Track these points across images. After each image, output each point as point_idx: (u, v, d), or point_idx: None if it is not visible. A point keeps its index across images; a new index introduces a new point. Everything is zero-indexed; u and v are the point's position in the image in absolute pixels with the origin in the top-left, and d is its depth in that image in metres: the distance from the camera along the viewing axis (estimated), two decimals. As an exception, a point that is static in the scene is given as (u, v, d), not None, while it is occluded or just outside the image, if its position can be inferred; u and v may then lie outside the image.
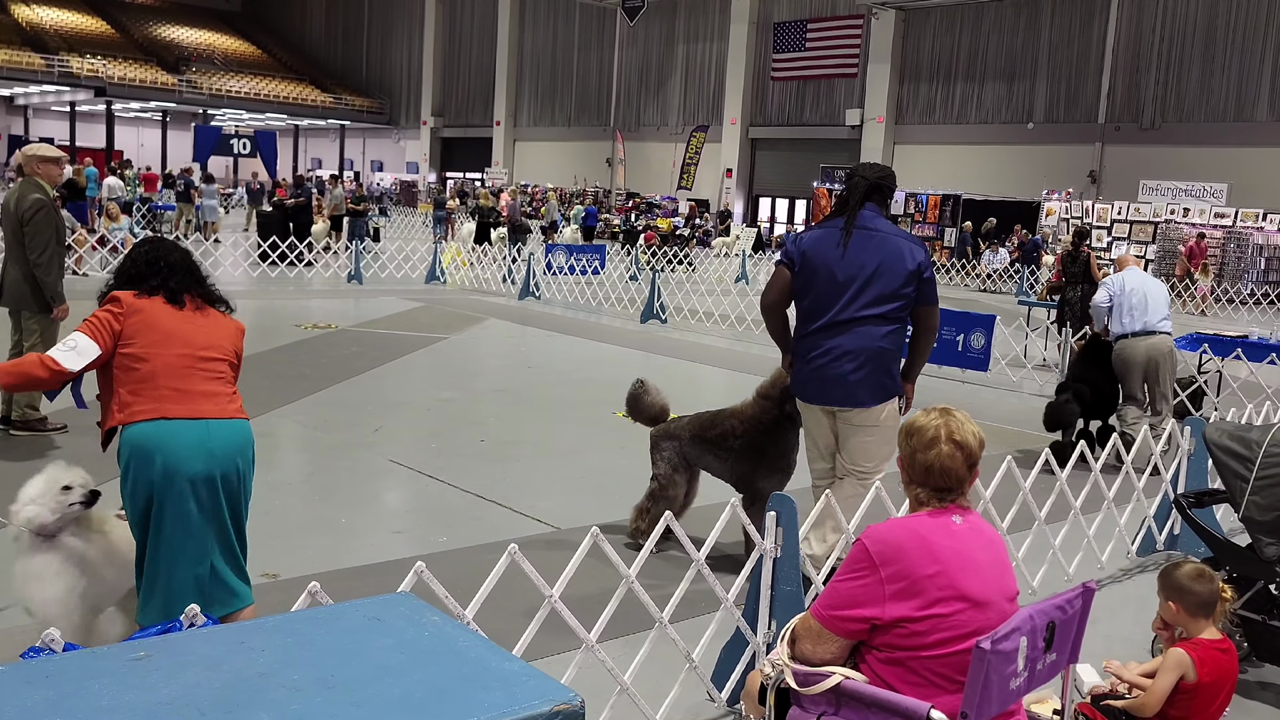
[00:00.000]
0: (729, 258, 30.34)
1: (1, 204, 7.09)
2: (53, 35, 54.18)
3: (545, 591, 3.30)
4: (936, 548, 2.60)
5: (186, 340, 3.54)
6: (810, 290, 4.82)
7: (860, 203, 4.84)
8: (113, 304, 3.54)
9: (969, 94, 35.65)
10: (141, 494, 3.38)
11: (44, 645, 2.36)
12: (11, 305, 7.03)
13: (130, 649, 2.15)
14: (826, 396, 4.80)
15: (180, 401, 3.43)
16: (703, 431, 5.49)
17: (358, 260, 18.33)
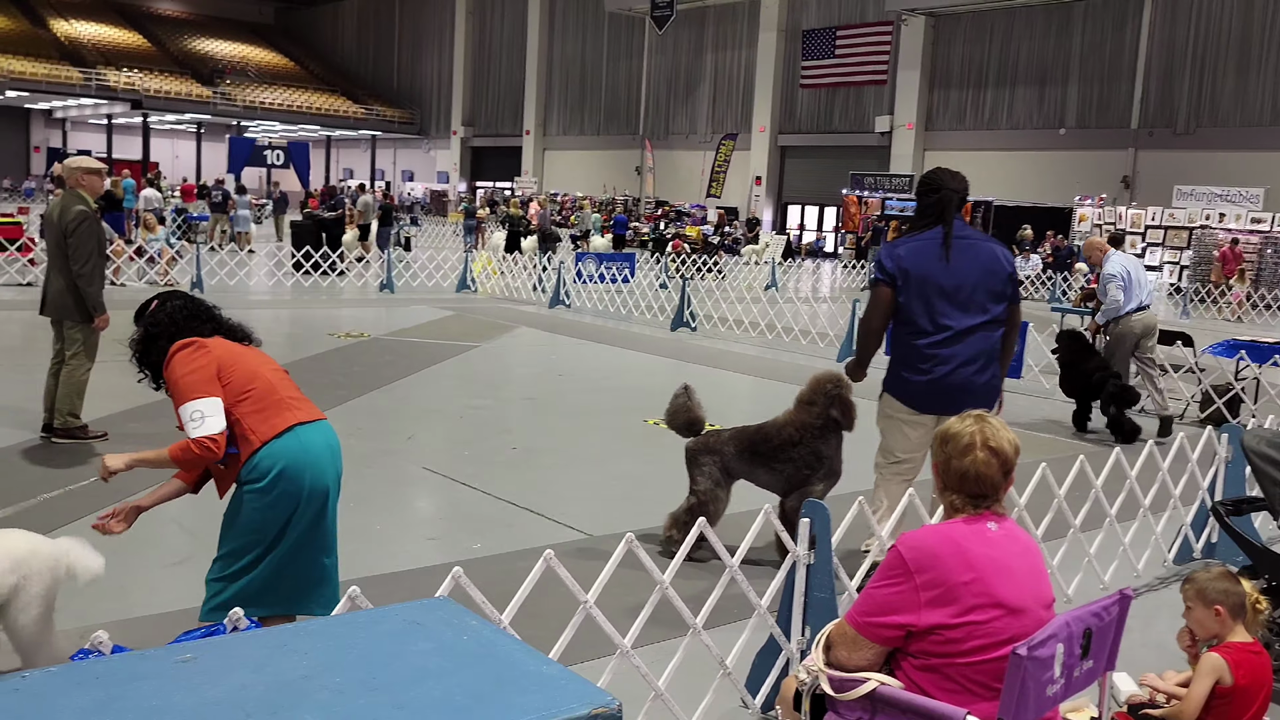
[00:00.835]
0: (758, 265, 30.30)
1: (44, 215, 7.21)
2: (90, 49, 55.02)
3: (580, 597, 3.32)
4: (972, 554, 2.60)
5: (263, 359, 3.72)
6: (917, 303, 4.92)
7: (953, 213, 4.99)
8: (192, 348, 3.55)
9: (1000, 99, 35.46)
10: (288, 504, 3.48)
11: (93, 647, 2.41)
12: (54, 315, 7.14)
13: (177, 651, 2.20)
14: (951, 405, 4.75)
15: (300, 406, 3.61)
16: (755, 445, 5.47)
17: (389, 269, 18.47)
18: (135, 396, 8.58)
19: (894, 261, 4.99)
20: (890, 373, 5.17)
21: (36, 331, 11.18)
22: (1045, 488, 5.11)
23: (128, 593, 4.73)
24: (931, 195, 5.05)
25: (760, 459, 5.47)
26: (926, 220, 5.06)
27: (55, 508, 5.74)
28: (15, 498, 5.92)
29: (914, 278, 4.92)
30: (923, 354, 4.95)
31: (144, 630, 4.06)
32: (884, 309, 5.03)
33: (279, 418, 3.52)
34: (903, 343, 5.05)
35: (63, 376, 7.10)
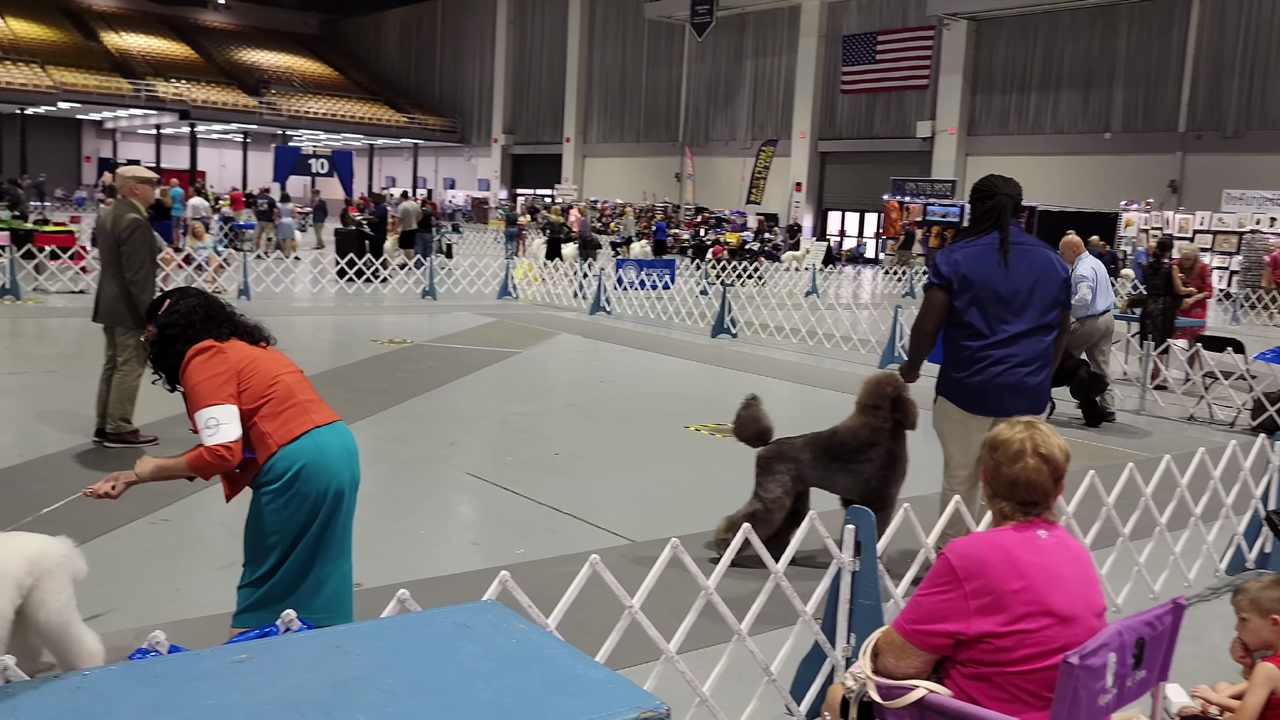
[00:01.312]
0: (799, 272, 30.21)
1: (97, 224, 7.35)
2: (140, 61, 56.03)
3: (625, 602, 3.33)
4: (1022, 562, 2.58)
5: (282, 361, 3.71)
6: (974, 308, 4.98)
7: (1009, 218, 5.06)
8: (210, 353, 3.54)
9: (1043, 104, 35.10)
10: (306, 506, 3.49)
11: (150, 647, 2.45)
12: (106, 321, 7.27)
13: (232, 652, 2.23)
14: (1006, 407, 4.87)
15: (317, 410, 3.61)
16: (833, 450, 5.48)
17: (432, 276, 18.62)
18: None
19: (951, 266, 5.03)
20: (943, 376, 5.22)
21: (88, 338, 11.39)
22: (1094, 495, 5.05)
23: (181, 594, 4.81)
24: (987, 201, 5.11)
25: (839, 463, 5.49)
26: (983, 226, 5.11)
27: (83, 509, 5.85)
28: (67, 497, 6.05)
29: (972, 283, 4.98)
30: (977, 356, 5.01)
31: (197, 631, 4.13)
32: (938, 313, 5.08)
33: (296, 422, 3.52)
34: (958, 346, 5.09)
35: (115, 382, 7.23)
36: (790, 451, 5.51)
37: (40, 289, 16.48)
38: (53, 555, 3.43)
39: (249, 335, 3.72)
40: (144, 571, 5.09)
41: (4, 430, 7.81)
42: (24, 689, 2.06)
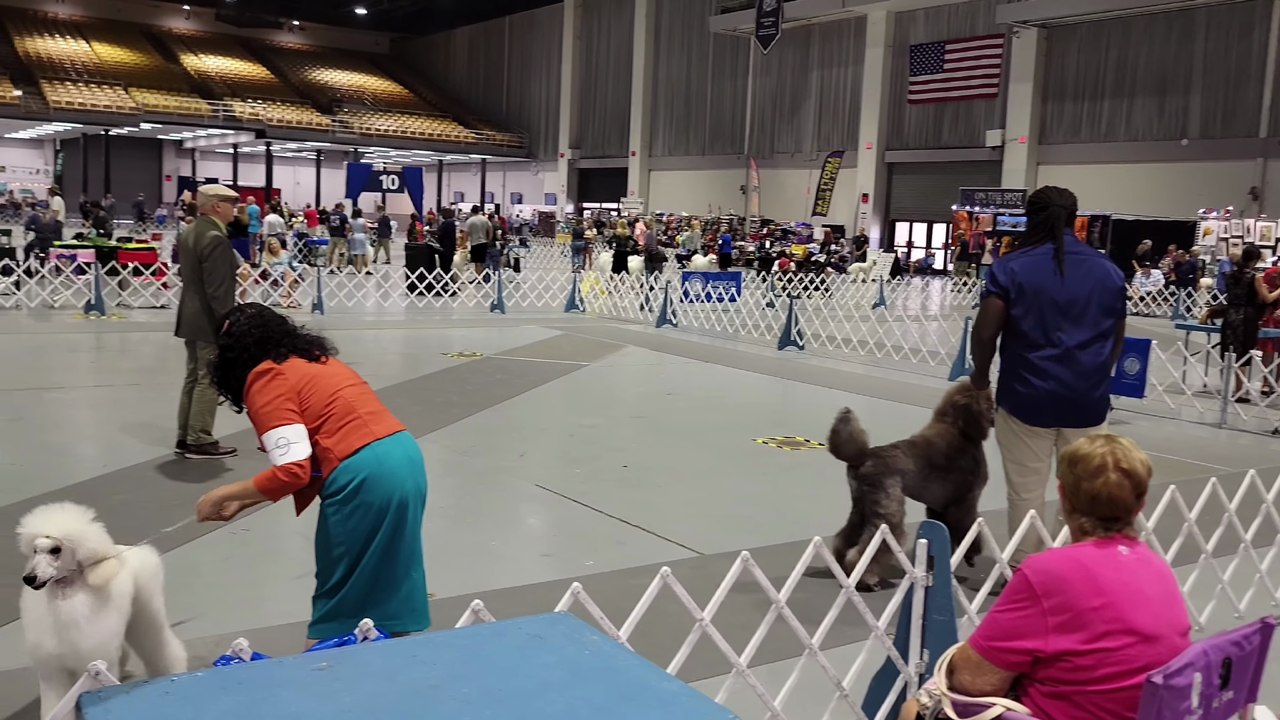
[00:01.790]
0: (866, 283, 29.95)
1: (179, 241, 7.56)
2: (218, 82, 57.56)
3: (696, 615, 3.33)
4: (1102, 579, 2.53)
5: (342, 375, 3.71)
6: (1030, 317, 5.00)
7: (1063, 228, 5.10)
8: (269, 376, 3.57)
9: (1117, 111, 34.41)
10: (368, 518, 3.50)
11: (234, 654, 2.51)
12: (188, 335, 7.47)
13: (313, 659, 2.28)
14: (1066, 418, 5.01)
15: (379, 421, 3.62)
16: (930, 459, 5.48)
17: (500, 290, 18.81)
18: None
19: (1007, 275, 5.06)
20: (1003, 386, 5.22)
21: (170, 352, 11.71)
22: (1175, 511, 4.93)
23: (260, 602, 4.91)
24: (1040, 212, 5.16)
25: (936, 472, 5.50)
26: (1037, 237, 5.15)
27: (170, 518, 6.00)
28: (150, 510, 6.22)
29: (1028, 291, 5.00)
30: (1036, 367, 5.02)
31: (275, 638, 4.21)
32: (995, 320, 5.09)
33: (355, 435, 3.54)
34: (1015, 356, 5.10)
35: (196, 395, 7.43)
36: (896, 464, 5.44)
37: (124, 304, 16.97)
38: (149, 566, 3.55)
39: (307, 351, 3.71)
40: (225, 579, 5.21)
41: (90, 441, 8.06)
42: (116, 693, 2.13)
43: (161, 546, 4.81)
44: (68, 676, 3.22)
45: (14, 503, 6.22)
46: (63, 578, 3.14)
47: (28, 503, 6.18)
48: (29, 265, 17.14)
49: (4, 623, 4.39)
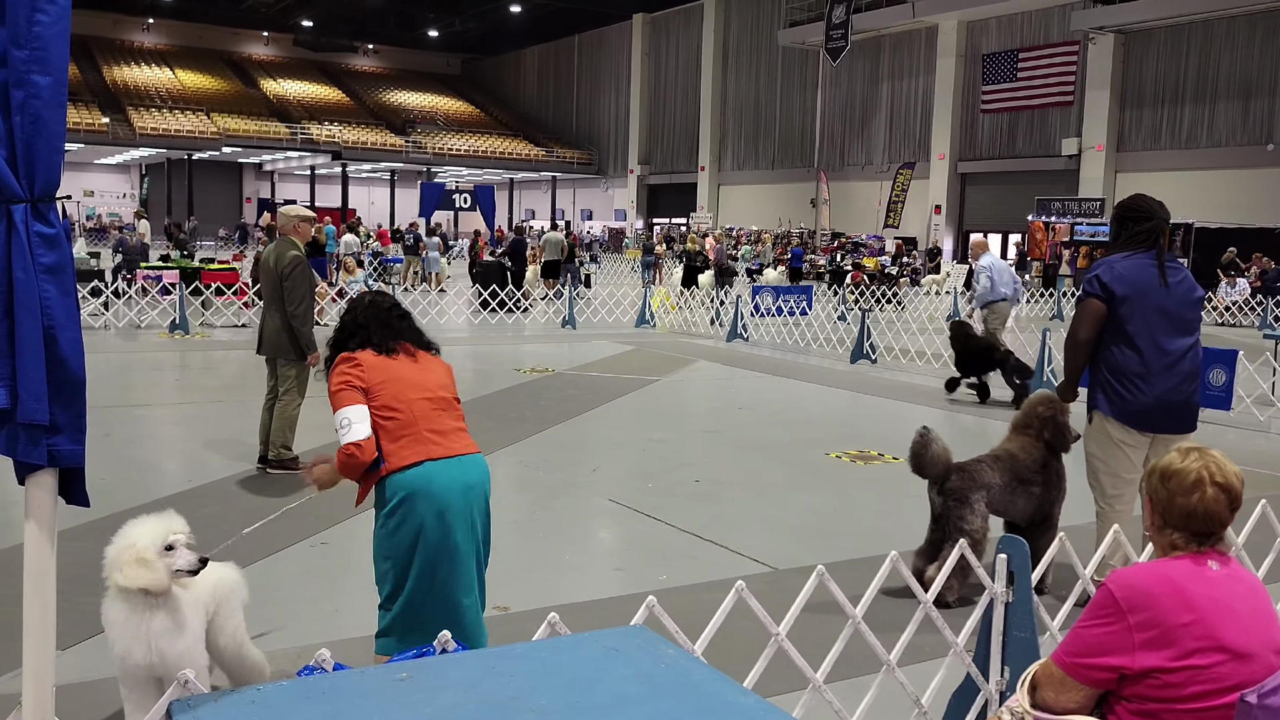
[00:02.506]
0: (939, 296, 29.56)
1: (259, 261, 7.74)
2: (296, 106, 58.98)
3: (771, 629, 3.32)
4: (1191, 595, 2.46)
5: (423, 385, 3.72)
6: (1138, 320, 5.02)
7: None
8: (348, 364, 3.69)
9: (1199, 116, 33.55)
10: (409, 533, 3.55)
11: (317, 664, 2.57)
12: (269, 353, 7.65)
13: (394, 670, 2.32)
14: (1175, 424, 5.06)
15: (439, 442, 3.63)
16: (1017, 474, 5.42)
17: (571, 306, 18.94)
18: (339, 430, 9.10)
19: (1113, 276, 5.04)
20: (1105, 394, 5.13)
21: (250, 369, 12.00)
22: (1266, 526, 4.78)
23: (339, 615, 5.00)
24: (1145, 222, 5.17)
25: (1022, 486, 5.43)
26: (1136, 245, 5.14)
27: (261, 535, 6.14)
28: (234, 524, 6.37)
29: (1136, 295, 5.01)
30: (1145, 372, 5.02)
31: (353, 650, 4.28)
32: (1093, 322, 5.08)
33: (411, 450, 3.58)
34: (1120, 361, 5.07)
35: (276, 411, 7.60)
36: (984, 479, 5.36)
37: (207, 324, 17.44)
38: (228, 582, 3.64)
39: (387, 345, 3.77)
40: (305, 592, 5.31)
41: (175, 457, 8.29)
42: (204, 701, 2.18)
43: (243, 558, 4.93)
44: (154, 686, 3.31)
45: (102, 516, 6.42)
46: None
47: (115, 517, 6.37)
48: (116, 286, 17.70)
49: (86, 636, 4.52)
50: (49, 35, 2.14)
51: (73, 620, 4.66)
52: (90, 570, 5.30)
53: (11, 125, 2.15)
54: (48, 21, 2.14)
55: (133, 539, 3.27)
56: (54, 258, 2.21)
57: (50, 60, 2.15)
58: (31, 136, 2.16)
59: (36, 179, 2.18)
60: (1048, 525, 5.46)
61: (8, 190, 2.15)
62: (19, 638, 2.34)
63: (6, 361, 2.20)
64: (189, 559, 3.29)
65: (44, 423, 2.22)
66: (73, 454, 2.30)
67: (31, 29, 2.12)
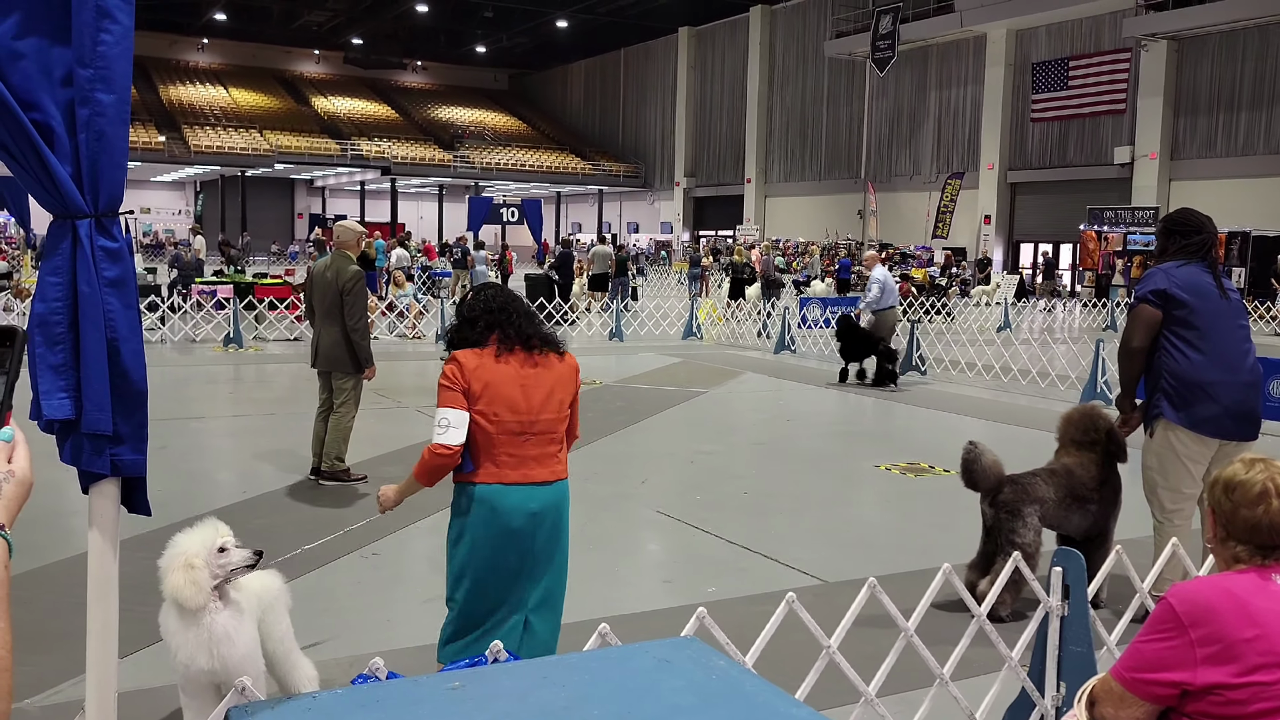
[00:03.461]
0: (989, 306, 29.24)
1: (315, 275, 7.82)
2: (346, 123, 59.83)
3: (823, 642, 3.29)
4: (1255, 609, 2.41)
5: (523, 408, 3.70)
6: (1201, 328, 5.00)
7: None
8: (455, 365, 3.72)
9: (1255, 123, 32.92)
10: (468, 544, 3.67)
11: (370, 673, 2.59)
12: (324, 366, 7.73)
13: (446, 679, 2.33)
14: (1243, 431, 5.05)
15: (515, 468, 3.68)
16: (1073, 489, 5.35)
17: (618, 318, 18.99)
18: (392, 442, 9.19)
19: (1170, 283, 5.01)
20: (1171, 402, 5.06)
21: (303, 382, 12.15)
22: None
23: (391, 625, 5.04)
24: (1194, 235, 5.15)
25: (1079, 502, 5.35)
26: (1188, 257, 5.12)
27: (307, 545, 6.21)
28: (288, 532, 6.45)
29: (1197, 302, 4.99)
30: (1214, 379, 4.98)
31: (407, 660, 4.31)
32: (1148, 329, 5.04)
33: (485, 470, 3.64)
34: (1186, 368, 5.01)
35: (331, 423, 7.68)
36: (1037, 493, 5.28)
37: (260, 337, 17.70)
38: (272, 588, 3.70)
39: (505, 343, 3.74)
40: (357, 603, 5.36)
41: (230, 469, 8.42)
42: (261, 708, 2.21)
43: (295, 569, 4.99)
44: (214, 692, 3.36)
45: (160, 527, 6.53)
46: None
47: (173, 527, 6.49)
48: (172, 301, 18.04)
49: (145, 644, 4.59)
50: (113, 54, 2.19)
51: (132, 628, 4.74)
52: (147, 579, 5.40)
53: (77, 142, 2.20)
54: (111, 40, 2.19)
55: (183, 547, 3.32)
56: (117, 271, 2.26)
57: (114, 78, 2.21)
58: (96, 153, 2.21)
59: (101, 194, 2.23)
60: (1103, 540, 5.39)
61: (73, 205, 2.20)
62: (81, 644, 2.39)
63: (71, 373, 2.25)
64: (243, 555, 3.34)
65: (108, 433, 2.27)
66: (135, 463, 2.34)
67: (96, 48, 2.18)
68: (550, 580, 3.80)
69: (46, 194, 2.19)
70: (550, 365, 3.83)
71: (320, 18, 59.85)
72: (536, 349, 3.80)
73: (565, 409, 3.83)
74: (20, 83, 2.14)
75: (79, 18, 2.15)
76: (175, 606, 3.32)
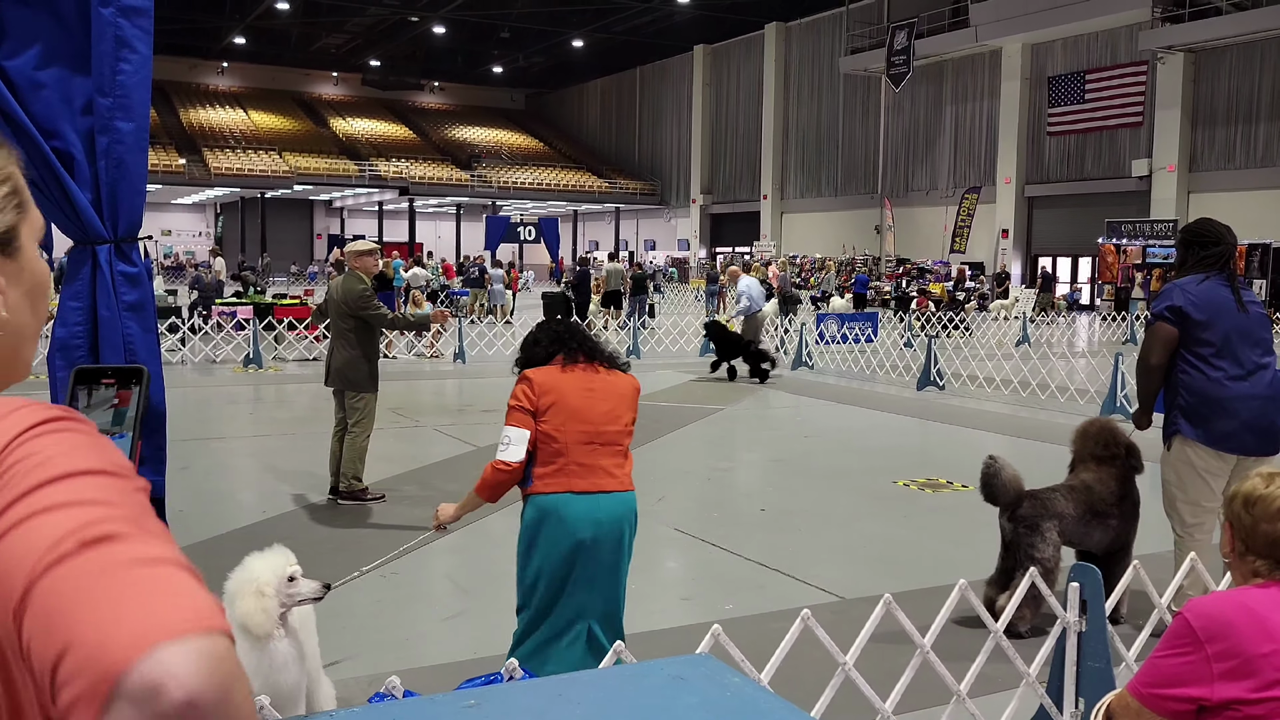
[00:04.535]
0: (1008, 321, 29.13)
1: (327, 295, 7.93)
2: (364, 144, 60.26)
3: (839, 659, 3.29)
4: (1272, 624, 2.40)
5: (590, 418, 3.85)
6: (1218, 342, 4.99)
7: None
8: (525, 383, 3.88)
9: (1274, 135, 32.75)
10: (538, 553, 3.76)
11: (387, 691, 2.61)
12: (337, 385, 7.79)
13: (462, 698, 2.35)
14: (1263, 446, 5.02)
15: (584, 476, 3.79)
16: (1093, 504, 5.34)
17: (635, 335, 19.01)
18: (409, 461, 9.23)
19: (1186, 299, 4.99)
20: (1188, 419, 5.04)
21: (322, 402, 12.21)
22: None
23: (410, 644, 5.05)
24: (1212, 246, 5.13)
25: (1098, 518, 5.34)
26: (1207, 269, 5.10)
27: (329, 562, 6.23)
28: (305, 554, 6.47)
29: (1213, 317, 4.97)
30: (1230, 395, 4.96)
31: (426, 679, 4.32)
32: (1166, 347, 5.03)
33: (554, 479, 3.75)
34: (1202, 385, 4.99)
35: (347, 443, 7.72)
36: (1057, 509, 5.27)
37: (279, 358, 17.82)
38: (306, 609, 3.72)
39: (568, 358, 3.92)
40: (376, 622, 5.38)
41: (250, 488, 8.47)
42: (280, 726, 2.23)
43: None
44: None
45: (182, 546, 6.58)
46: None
47: (193, 548, 6.55)
48: (193, 322, 18.18)
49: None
50: (131, 83, 2.24)
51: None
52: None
53: (96, 170, 2.24)
54: (130, 70, 2.23)
55: (254, 574, 3.31)
56: (136, 295, 2.29)
57: (133, 107, 2.25)
58: (115, 180, 2.25)
59: (120, 220, 2.27)
60: (1123, 554, 5.36)
61: (93, 231, 2.25)
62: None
63: (92, 396, 2.28)
64: (311, 587, 3.41)
65: (127, 455, 2.30)
66: (155, 485, 2.38)
67: (115, 78, 2.22)
68: (614, 589, 3.90)
69: (67, 220, 2.23)
70: (614, 380, 3.99)
71: (338, 40, 60.42)
72: (601, 362, 3.99)
73: (629, 424, 3.98)
74: (41, 111, 2.18)
75: (98, 48, 2.20)
76: (240, 631, 3.29)
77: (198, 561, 2.95)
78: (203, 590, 0.81)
